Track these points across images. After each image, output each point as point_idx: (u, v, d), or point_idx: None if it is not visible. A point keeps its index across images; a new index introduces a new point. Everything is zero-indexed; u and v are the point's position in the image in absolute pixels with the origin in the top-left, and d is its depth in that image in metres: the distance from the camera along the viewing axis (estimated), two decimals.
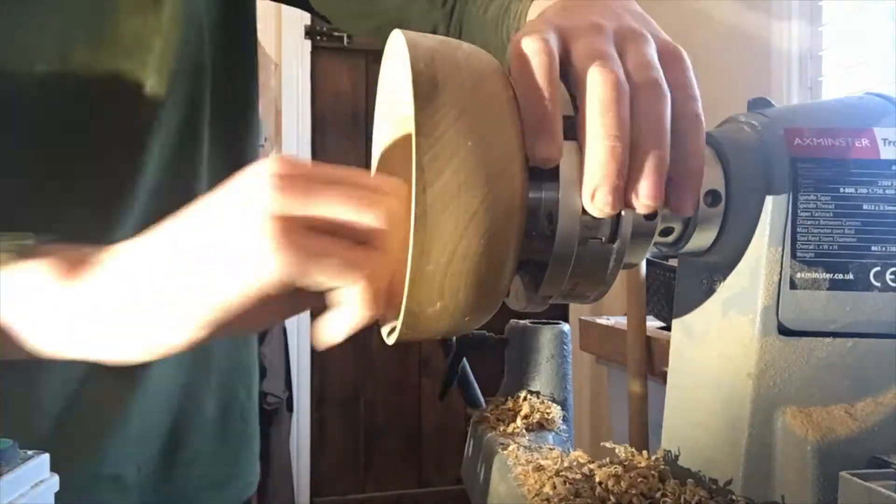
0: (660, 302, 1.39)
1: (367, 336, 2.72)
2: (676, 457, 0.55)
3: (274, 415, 2.30)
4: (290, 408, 2.42)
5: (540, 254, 0.44)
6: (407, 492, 2.80)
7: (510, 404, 0.66)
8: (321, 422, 2.71)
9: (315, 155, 2.72)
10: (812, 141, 0.47)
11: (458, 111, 0.39)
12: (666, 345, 1.40)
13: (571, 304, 2.13)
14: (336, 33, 2.74)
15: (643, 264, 1.42)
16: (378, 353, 2.75)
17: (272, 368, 2.26)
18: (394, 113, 0.48)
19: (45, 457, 0.48)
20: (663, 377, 0.75)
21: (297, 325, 2.61)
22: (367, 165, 0.52)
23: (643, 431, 1.28)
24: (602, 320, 1.60)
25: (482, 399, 0.77)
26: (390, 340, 0.44)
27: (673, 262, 1.33)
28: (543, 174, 0.43)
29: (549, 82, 0.39)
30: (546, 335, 0.70)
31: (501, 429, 0.62)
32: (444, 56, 0.41)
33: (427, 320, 0.41)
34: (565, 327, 0.71)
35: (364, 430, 2.78)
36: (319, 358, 2.70)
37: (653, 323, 1.40)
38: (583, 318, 1.71)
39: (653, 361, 1.32)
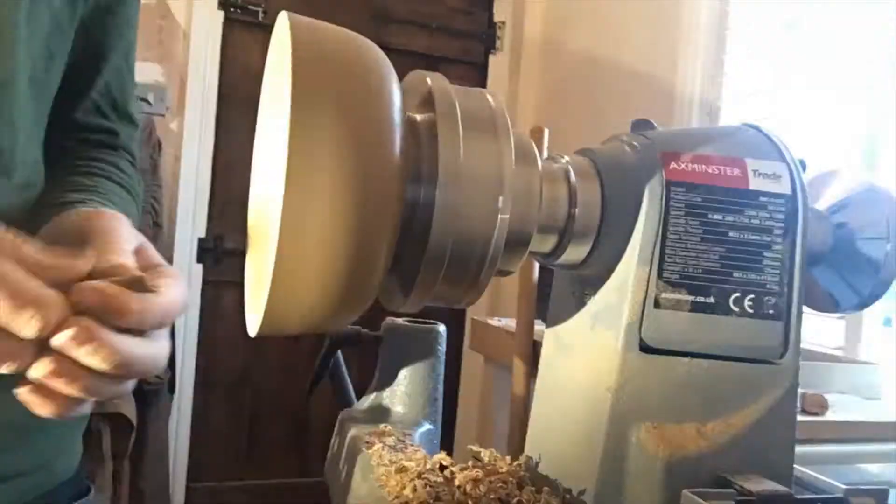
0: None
1: None
2: (537, 463, 0.55)
3: (153, 395, 2.21)
4: (171, 389, 2.33)
5: (414, 255, 0.43)
6: (287, 481, 2.75)
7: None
8: (204, 406, 2.62)
9: (219, 127, 2.62)
10: (687, 166, 0.49)
11: (338, 105, 0.38)
12: None
13: None
14: (251, 7, 2.66)
15: (536, 268, 1.44)
16: (269, 339, 2.69)
17: None
18: (276, 95, 0.46)
19: None
20: None
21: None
22: None
23: (523, 433, 1.30)
24: (493, 321, 1.61)
25: (353, 396, 0.76)
26: (252, 332, 0.42)
27: None
28: (423, 173, 0.42)
29: None
30: (421, 334, 0.69)
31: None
32: (327, 44, 0.40)
33: (292, 315, 0.39)
34: (440, 328, 0.71)
35: (249, 417, 2.71)
36: (207, 340, 2.61)
37: (541, 327, 1.42)
38: (475, 318, 1.72)
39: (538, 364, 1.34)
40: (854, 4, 1.64)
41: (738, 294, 0.49)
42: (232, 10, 2.63)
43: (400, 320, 0.69)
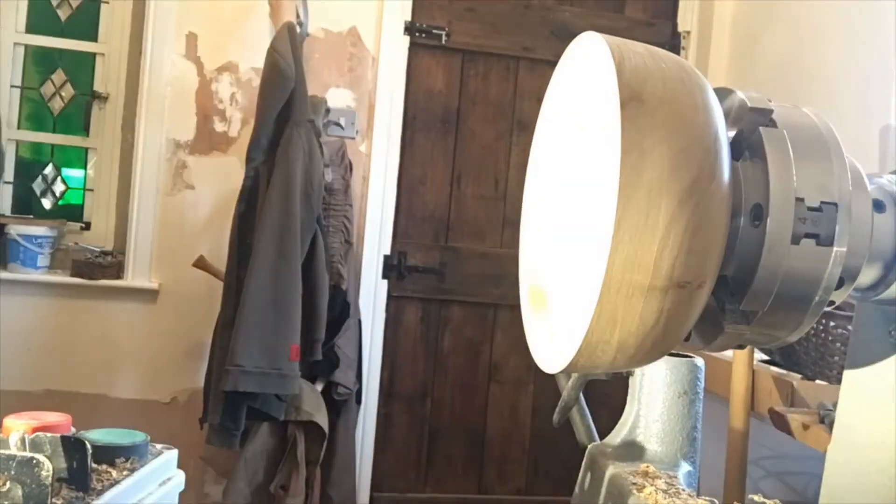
0: None
1: (438, 336, 2.69)
2: None
3: (343, 405, 2.30)
4: (358, 400, 2.41)
5: (730, 293, 0.39)
6: (467, 496, 2.76)
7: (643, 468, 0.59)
8: (387, 417, 2.70)
9: (403, 148, 2.70)
10: None
11: (664, 127, 0.35)
12: (770, 381, 1.32)
13: None
14: (435, 31, 2.72)
15: None
16: (449, 354, 2.72)
17: (346, 360, 2.25)
18: (580, 114, 0.44)
19: (174, 452, 0.46)
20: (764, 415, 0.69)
21: (371, 319, 2.61)
22: (454, 163, 0.49)
23: (742, 469, 1.21)
24: (705, 351, 1.52)
25: (595, 431, 0.73)
26: (553, 368, 0.41)
27: None
28: (744, 201, 0.38)
29: None
30: (678, 367, 0.65)
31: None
32: (648, 67, 0.37)
33: (606, 353, 0.37)
34: (699, 361, 0.66)
35: (429, 430, 2.75)
36: (391, 354, 2.68)
37: (759, 355, 1.32)
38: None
39: (755, 397, 1.25)
40: None
41: None
42: (416, 34, 2.71)
43: None
